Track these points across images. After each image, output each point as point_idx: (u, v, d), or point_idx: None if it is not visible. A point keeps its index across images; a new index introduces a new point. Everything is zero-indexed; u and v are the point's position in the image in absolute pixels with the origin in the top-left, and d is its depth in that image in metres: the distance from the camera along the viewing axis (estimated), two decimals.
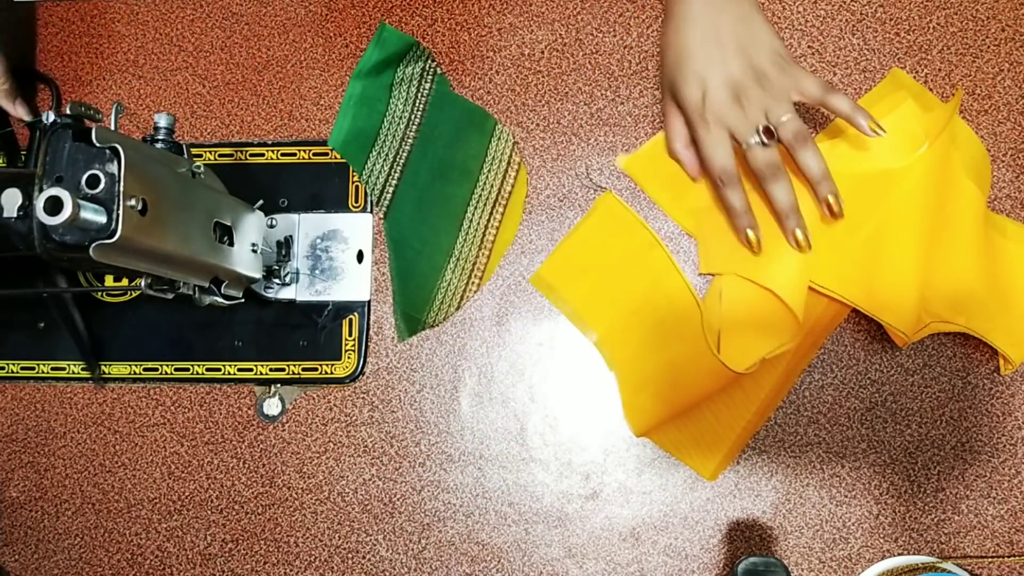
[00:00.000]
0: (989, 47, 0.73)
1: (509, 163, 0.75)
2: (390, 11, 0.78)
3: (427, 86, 0.77)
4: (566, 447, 0.72)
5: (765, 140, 0.62)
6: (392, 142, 0.77)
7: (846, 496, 0.69)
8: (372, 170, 0.76)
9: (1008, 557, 0.68)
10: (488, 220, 0.75)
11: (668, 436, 0.71)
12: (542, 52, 0.77)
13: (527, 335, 0.74)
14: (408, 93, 0.77)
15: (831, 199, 0.64)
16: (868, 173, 0.67)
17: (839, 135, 0.70)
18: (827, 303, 0.69)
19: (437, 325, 0.74)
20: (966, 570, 0.68)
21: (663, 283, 0.72)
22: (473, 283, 0.75)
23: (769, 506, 0.70)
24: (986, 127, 0.72)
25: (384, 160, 0.76)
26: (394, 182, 0.76)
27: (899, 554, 0.69)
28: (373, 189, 0.76)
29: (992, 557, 0.68)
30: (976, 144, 0.70)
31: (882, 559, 0.69)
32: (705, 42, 0.64)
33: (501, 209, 0.75)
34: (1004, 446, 0.69)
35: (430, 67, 0.77)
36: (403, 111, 0.77)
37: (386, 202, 0.76)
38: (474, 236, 0.75)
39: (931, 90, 0.72)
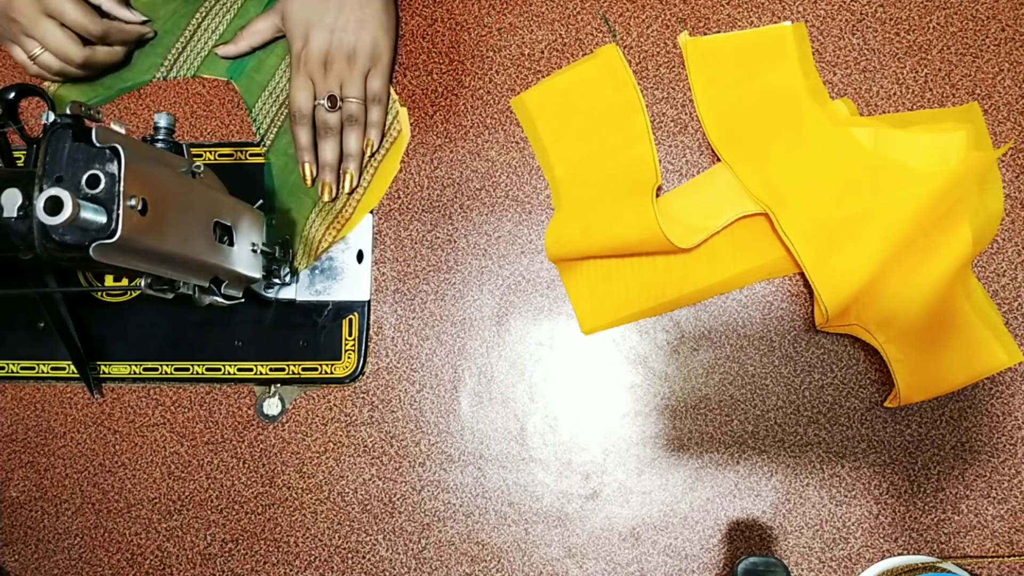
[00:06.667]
0: (989, 47, 0.73)
1: (389, 124, 0.77)
2: None
3: None
4: (566, 447, 0.72)
5: (328, 106, 0.72)
6: (283, 85, 0.79)
7: (846, 496, 0.69)
8: (261, 109, 0.78)
9: (1008, 557, 0.68)
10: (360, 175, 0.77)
11: (573, 272, 0.74)
12: (542, 52, 0.77)
13: (527, 335, 0.74)
14: None
15: (346, 178, 0.75)
16: (890, 162, 0.68)
17: (895, 124, 0.71)
18: (778, 247, 0.71)
19: (299, 272, 0.76)
20: (966, 570, 0.68)
21: (634, 146, 0.73)
22: (331, 232, 0.76)
23: (769, 506, 0.70)
24: (986, 127, 0.72)
25: (273, 102, 0.78)
26: (276, 127, 0.78)
27: (899, 554, 0.69)
28: (259, 128, 0.78)
29: (992, 557, 0.68)
30: (997, 202, 0.70)
31: (882, 559, 0.69)
32: (327, 5, 0.72)
33: (375, 165, 0.77)
34: (1004, 446, 0.69)
35: None
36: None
37: (268, 141, 0.78)
38: (339, 189, 0.76)
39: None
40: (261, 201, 0.72)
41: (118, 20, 0.76)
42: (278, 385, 0.75)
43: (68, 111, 0.52)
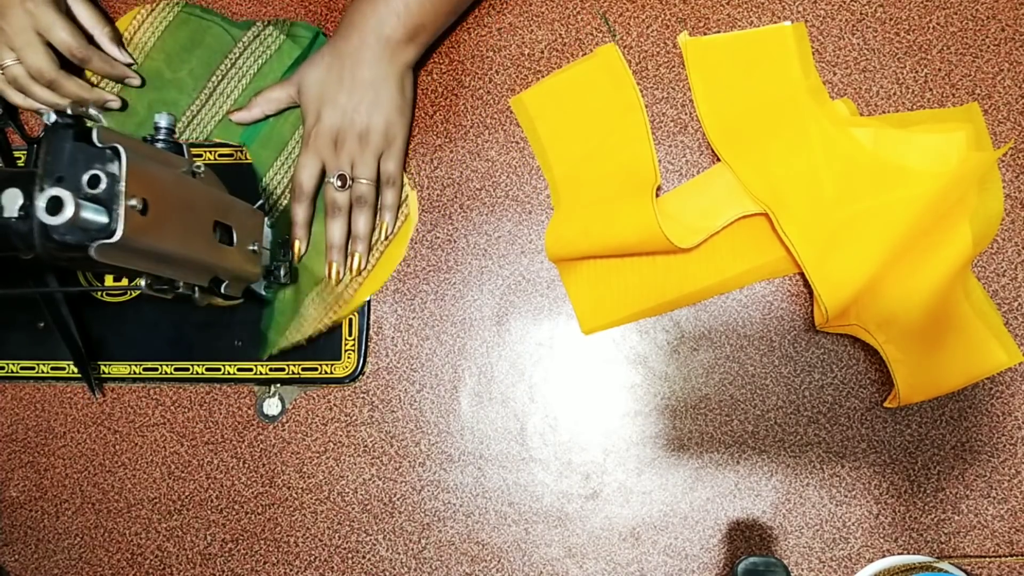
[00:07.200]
0: (989, 47, 0.73)
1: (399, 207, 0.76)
2: None
3: None
4: (566, 447, 0.72)
5: (338, 184, 0.71)
6: (296, 155, 0.76)
7: (846, 496, 0.70)
8: (273, 178, 0.77)
9: (1008, 556, 0.68)
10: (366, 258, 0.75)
11: (573, 272, 0.74)
12: (542, 52, 0.77)
13: (527, 335, 0.74)
14: None
15: (355, 259, 0.74)
16: (890, 163, 0.68)
17: (895, 124, 0.71)
18: (778, 247, 0.71)
19: (285, 350, 0.74)
20: (962, 570, 0.68)
21: (632, 146, 0.73)
22: (329, 316, 0.74)
23: (769, 506, 0.70)
24: (986, 127, 0.72)
25: (285, 173, 0.77)
26: (287, 198, 0.76)
27: (899, 554, 0.69)
28: (270, 196, 0.76)
29: (991, 557, 0.68)
30: (997, 202, 0.70)
31: (881, 559, 0.69)
32: (343, 81, 0.70)
33: (380, 248, 0.76)
34: (1004, 446, 0.69)
35: None
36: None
37: (277, 212, 0.76)
38: (347, 271, 0.75)
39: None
40: (261, 201, 0.72)
41: (106, 55, 0.76)
42: (278, 385, 0.75)
43: (69, 111, 0.52)
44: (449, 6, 0.70)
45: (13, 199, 0.50)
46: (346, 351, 0.75)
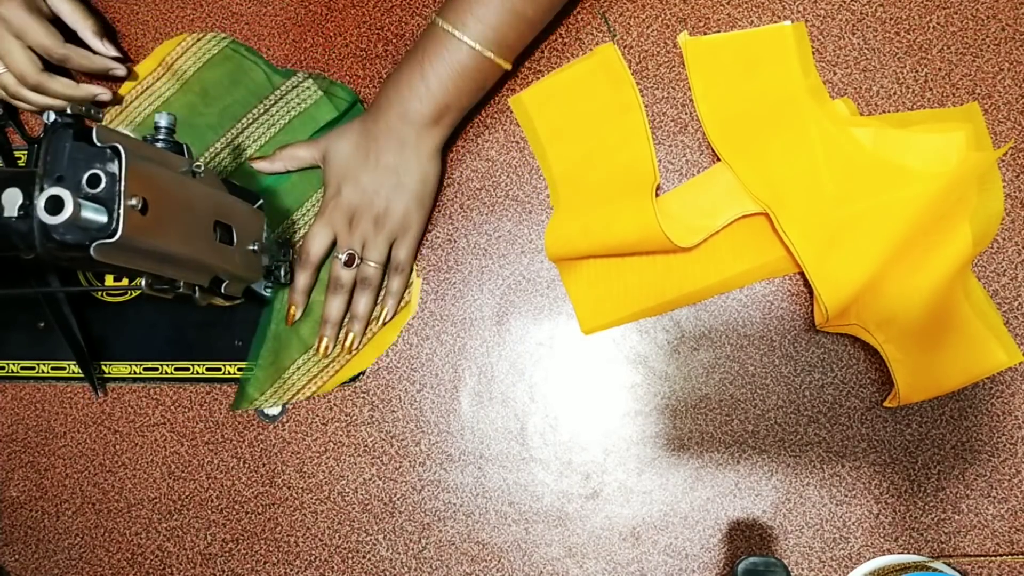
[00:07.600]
0: (989, 47, 0.73)
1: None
2: (390, 11, 0.78)
3: None
4: (566, 447, 0.72)
5: (344, 260, 0.71)
6: (309, 218, 0.76)
7: (846, 496, 0.70)
8: (290, 225, 0.76)
9: (1008, 555, 0.68)
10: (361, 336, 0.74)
11: (572, 271, 0.74)
12: (542, 52, 0.77)
13: (527, 335, 0.74)
14: None
15: (349, 337, 0.73)
16: (890, 162, 0.68)
17: (895, 124, 0.71)
18: (778, 247, 0.71)
19: (263, 407, 0.74)
20: (957, 570, 0.68)
21: (631, 145, 0.73)
22: (311, 386, 0.74)
23: (769, 506, 0.70)
24: (986, 127, 0.72)
25: (301, 229, 0.76)
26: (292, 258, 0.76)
27: (899, 553, 0.69)
28: (279, 251, 0.75)
29: (991, 556, 0.68)
30: (997, 202, 0.69)
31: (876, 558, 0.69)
32: (367, 161, 0.70)
33: (374, 329, 0.75)
34: (1004, 446, 0.69)
35: None
36: None
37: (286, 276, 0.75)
38: (337, 347, 0.74)
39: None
40: (261, 201, 0.72)
41: (90, 50, 0.74)
42: None
43: (68, 111, 0.52)
44: (472, 85, 0.69)
45: (13, 199, 0.50)
46: None
